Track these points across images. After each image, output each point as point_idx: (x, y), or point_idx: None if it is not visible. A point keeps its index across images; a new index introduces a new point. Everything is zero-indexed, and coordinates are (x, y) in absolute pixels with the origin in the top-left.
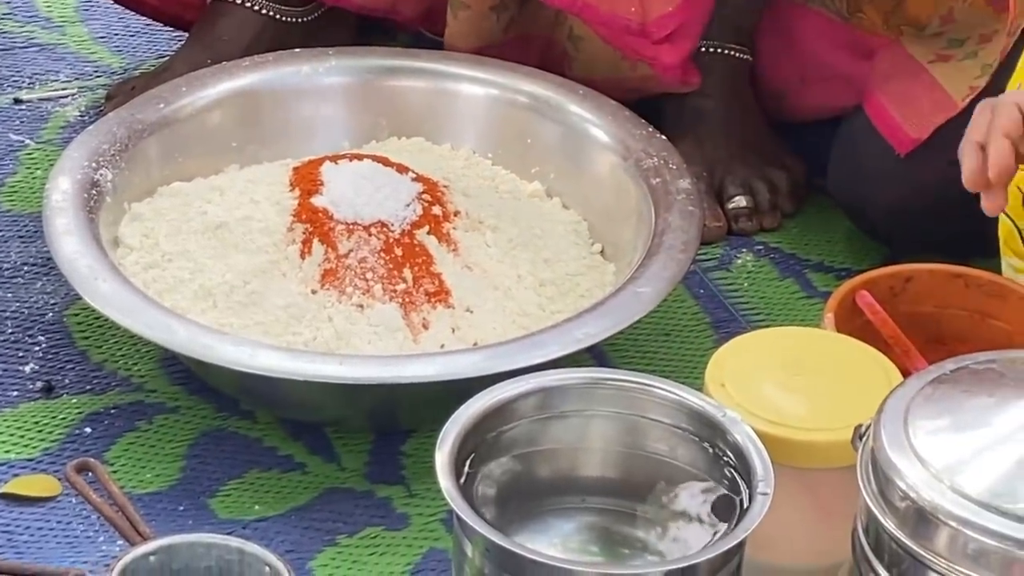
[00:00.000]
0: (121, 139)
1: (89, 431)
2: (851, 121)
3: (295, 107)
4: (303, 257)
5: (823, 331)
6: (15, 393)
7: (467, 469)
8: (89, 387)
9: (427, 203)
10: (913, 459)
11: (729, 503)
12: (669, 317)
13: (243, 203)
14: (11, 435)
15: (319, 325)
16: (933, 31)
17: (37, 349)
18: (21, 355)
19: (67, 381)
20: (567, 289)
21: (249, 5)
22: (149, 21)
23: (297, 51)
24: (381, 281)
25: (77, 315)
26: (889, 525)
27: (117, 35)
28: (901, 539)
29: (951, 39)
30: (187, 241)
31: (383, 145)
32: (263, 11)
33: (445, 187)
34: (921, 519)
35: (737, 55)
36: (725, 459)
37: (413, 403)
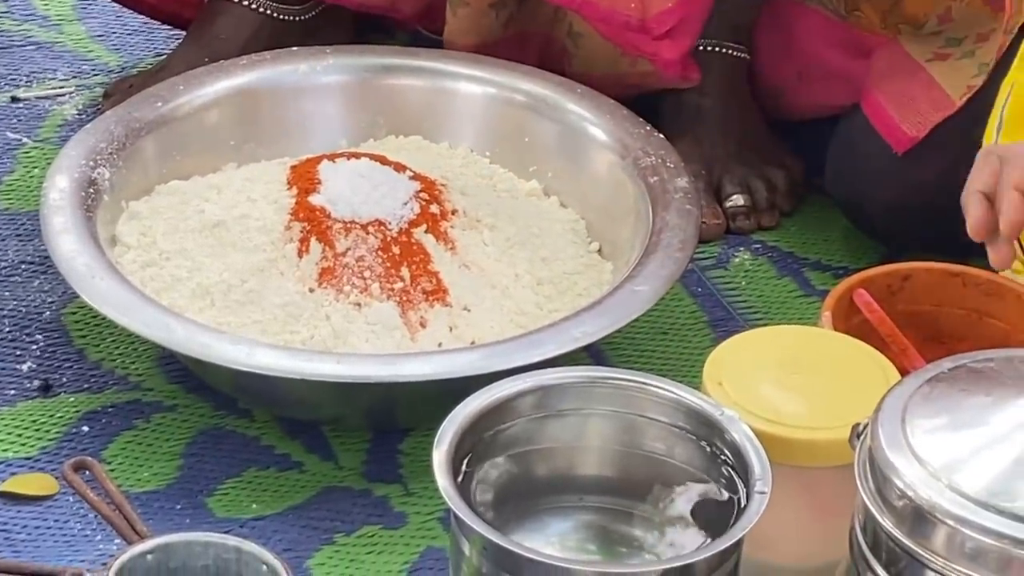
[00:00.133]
0: (119, 137)
1: (86, 430)
2: (849, 120)
3: (293, 105)
4: (301, 256)
5: (821, 330)
6: (12, 392)
7: (464, 468)
8: (87, 386)
9: (425, 202)
10: (911, 458)
11: (715, 508)
12: (667, 316)
13: (241, 201)
14: (8, 434)
15: (317, 324)
16: (931, 30)
17: (35, 348)
18: (19, 354)
19: (64, 380)
20: (565, 288)
21: (247, 3)
22: (147, 19)
23: (295, 49)
24: (379, 280)
25: (74, 313)
26: (887, 524)
27: (115, 33)
28: (899, 538)
29: (949, 38)
30: (185, 239)
31: (381, 144)
32: (261, 9)
33: (443, 186)
34: (919, 518)
35: (735, 53)
36: (723, 458)
37: (411, 402)
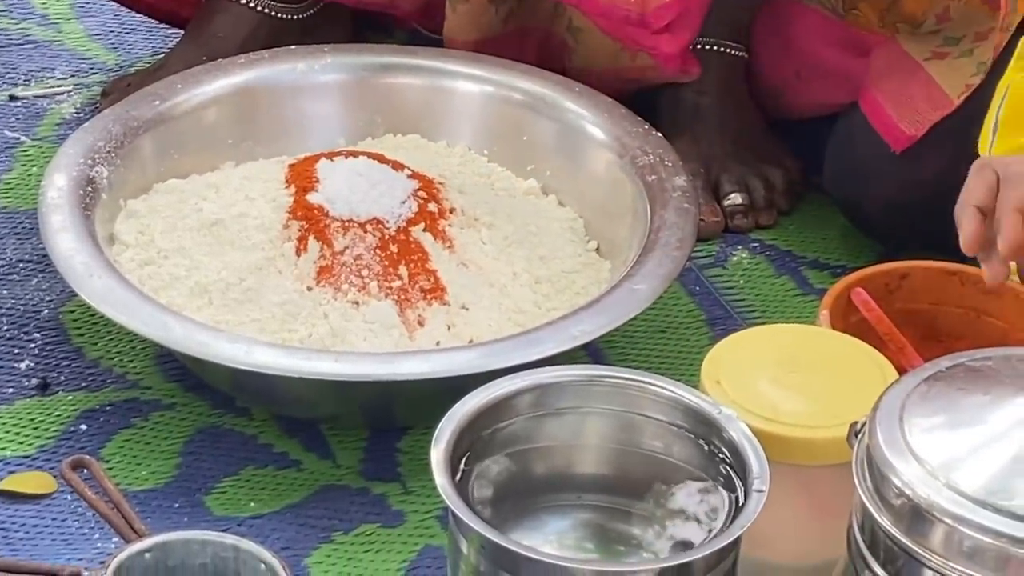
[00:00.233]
0: (117, 136)
1: (84, 428)
2: (847, 118)
3: (291, 104)
4: (299, 254)
5: (819, 328)
6: (11, 390)
7: (463, 466)
8: (85, 384)
9: (423, 200)
10: (908, 456)
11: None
12: (665, 314)
13: (239, 200)
14: (7, 432)
15: (315, 322)
16: (929, 29)
17: (33, 346)
18: (16, 352)
19: (63, 378)
20: (563, 286)
21: (245, 2)
22: (145, 18)
23: (293, 48)
24: (377, 278)
25: (72, 312)
26: (884, 522)
27: (113, 32)
28: (896, 536)
29: (947, 37)
30: (183, 238)
31: (379, 142)
32: (259, 8)
33: (441, 184)
34: (916, 516)
35: (733, 52)
36: (721, 456)
37: (408, 400)
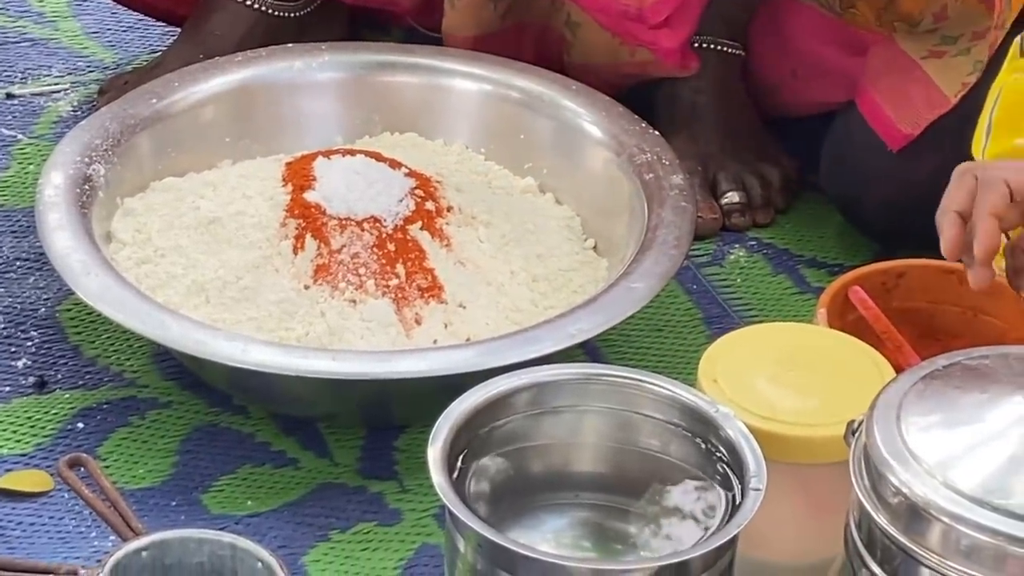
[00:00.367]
0: (114, 134)
1: (81, 426)
2: (844, 117)
3: (288, 102)
4: (296, 252)
5: (816, 327)
6: (7, 388)
7: (460, 464)
8: (82, 382)
9: (420, 198)
10: (906, 455)
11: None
12: (662, 313)
13: (236, 198)
14: (3, 430)
15: (312, 320)
16: (926, 28)
17: (30, 344)
18: (13, 350)
19: (60, 376)
20: (560, 285)
21: (241, 0)
22: (142, 16)
23: (290, 46)
24: (374, 276)
25: (69, 310)
26: (882, 521)
27: (110, 30)
28: (894, 535)
29: (944, 36)
30: (180, 236)
31: (376, 140)
32: (256, 6)
33: (438, 182)
34: (914, 515)
35: (730, 50)
36: (718, 455)
37: (406, 398)
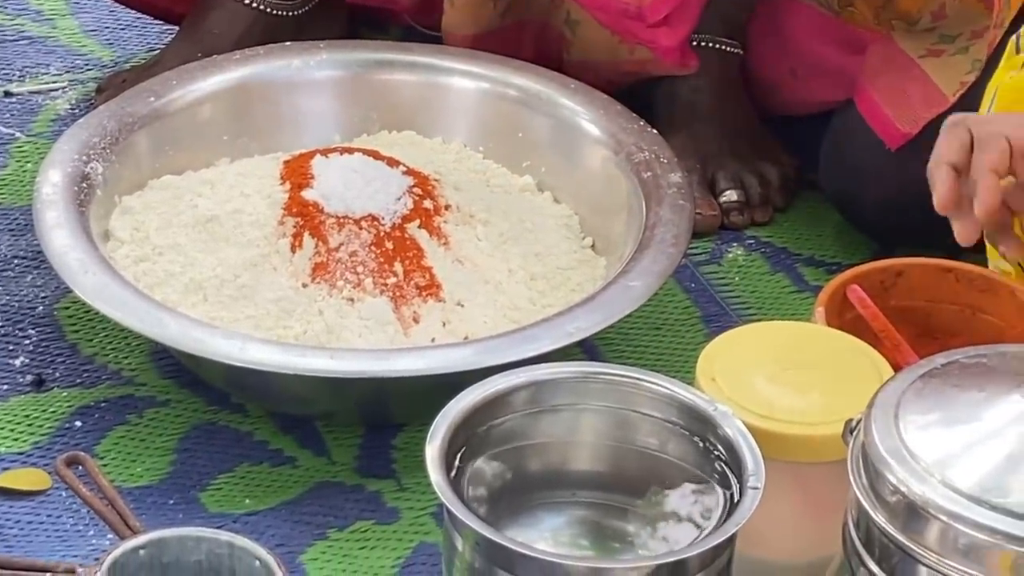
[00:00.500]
0: (112, 132)
1: (79, 425)
2: (842, 115)
3: (286, 101)
4: (294, 251)
5: (814, 325)
6: (5, 387)
7: (457, 463)
8: (79, 380)
9: (418, 197)
10: (904, 453)
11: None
12: (660, 311)
13: (234, 196)
14: (1, 429)
15: (310, 319)
16: (924, 26)
17: (27, 342)
18: (11, 348)
19: (57, 374)
20: (558, 283)
21: None
22: (140, 14)
23: (288, 44)
24: (372, 275)
25: (67, 308)
26: (880, 519)
27: (108, 28)
28: (892, 533)
29: (943, 35)
30: (178, 234)
31: (374, 139)
32: (254, 5)
33: (436, 181)
34: (912, 513)
35: (728, 49)
36: (716, 453)
37: (403, 397)
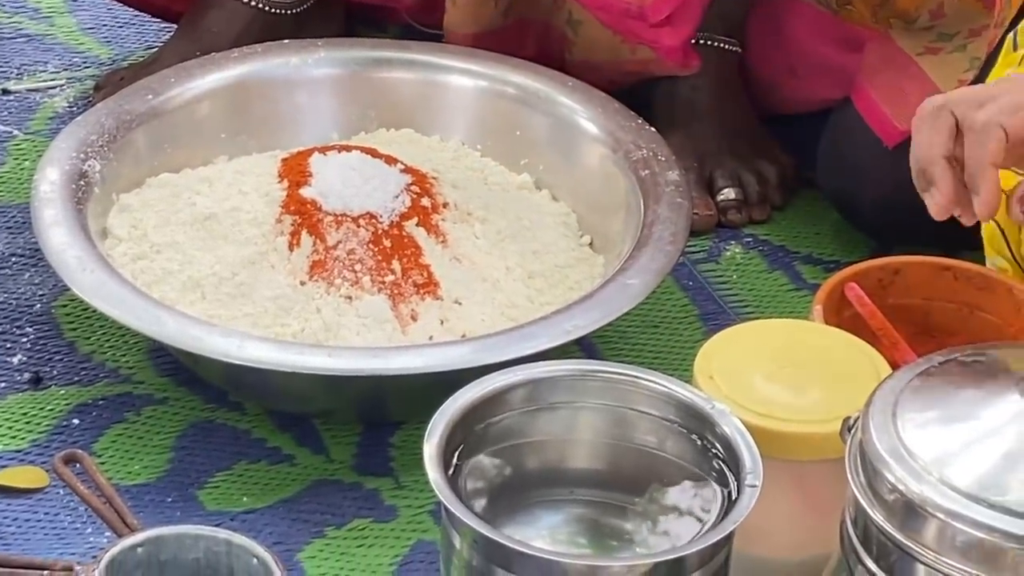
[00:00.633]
0: (109, 130)
1: (77, 422)
2: (840, 113)
3: (284, 98)
4: (292, 248)
5: (812, 323)
6: (3, 384)
7: (455, 461)
8: (77, 378)
9: (416, 195)
10: (901, 451)
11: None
12: (658, 309)
13: (232, 194)
14: None
15: (307, 317)
16: (922, 25)
17: (25, 340)
18: (9, 346)
19: (55, 372)
20: (556, 281)
21: None
22: (137, 12)
23: (286, 42)
24: (370, 273)
25: (65, 306)
26: (877, 517)
27: (106, 26)
28: (889, 531)
29: (941, 33)
30: (176, 232)
31: (372, 136)
32: (252, 3)
33: (434, 179)
34: (909, 511)
35: (727, 47)
36: (714, 451)
37: (401, 395)
